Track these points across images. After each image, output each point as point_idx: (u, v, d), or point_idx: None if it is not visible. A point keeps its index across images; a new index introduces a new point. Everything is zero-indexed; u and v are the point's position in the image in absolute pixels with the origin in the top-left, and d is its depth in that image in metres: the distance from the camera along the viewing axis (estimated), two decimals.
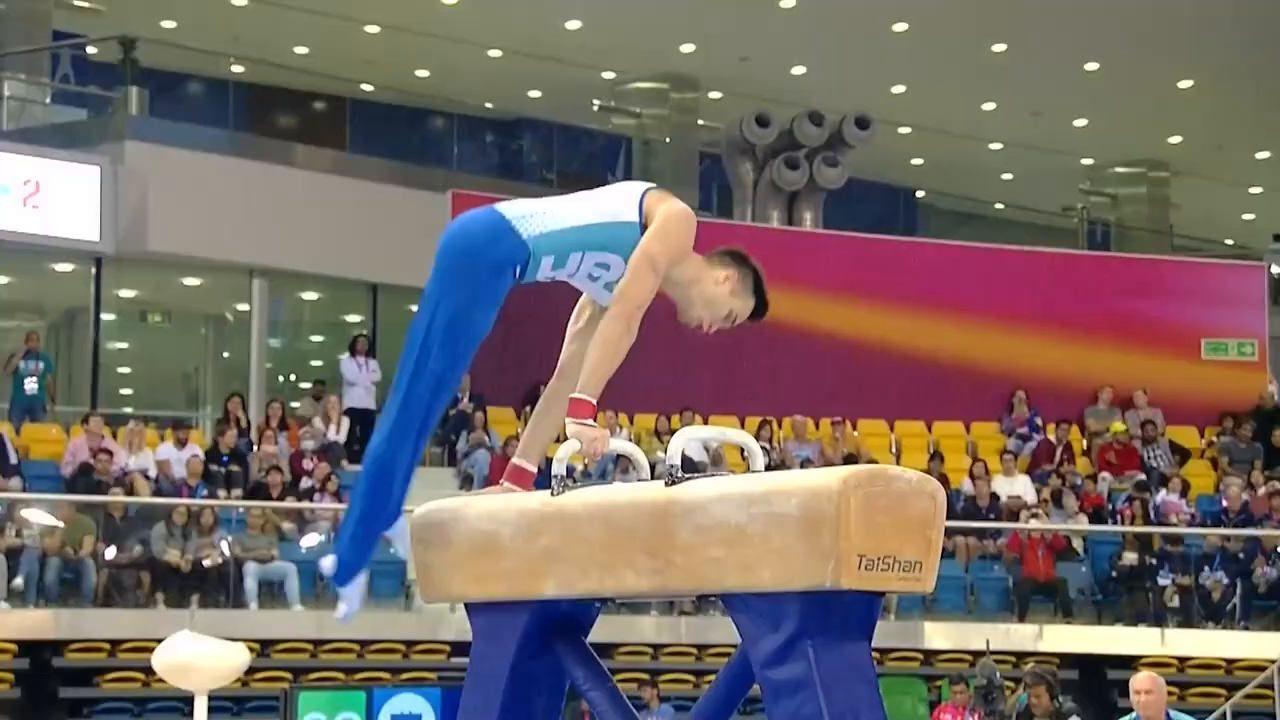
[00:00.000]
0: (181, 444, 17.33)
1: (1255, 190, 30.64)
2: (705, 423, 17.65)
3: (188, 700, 7.42)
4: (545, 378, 18.95)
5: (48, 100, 21.69)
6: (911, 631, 16.83)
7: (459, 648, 14.07)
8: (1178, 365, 21.89)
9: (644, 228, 4.93)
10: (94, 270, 20.50)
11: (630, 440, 15.80)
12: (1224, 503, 19.20)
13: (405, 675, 14.86)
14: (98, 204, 19.39)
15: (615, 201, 5.07)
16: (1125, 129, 27.44)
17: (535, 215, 5.01)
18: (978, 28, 23.73)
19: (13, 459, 16.47)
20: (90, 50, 22.67)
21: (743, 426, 17.34)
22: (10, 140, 20.06)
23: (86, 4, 22.64)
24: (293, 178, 21.11)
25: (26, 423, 17.86)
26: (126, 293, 21.91)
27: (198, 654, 7.28)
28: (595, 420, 4.89)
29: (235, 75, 23.96)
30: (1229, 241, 30.98)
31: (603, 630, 5.49)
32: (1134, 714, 10.52)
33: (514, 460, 5.20)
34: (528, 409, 19.23)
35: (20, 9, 21.71)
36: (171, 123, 21.42)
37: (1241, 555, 18.09)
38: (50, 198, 19.18)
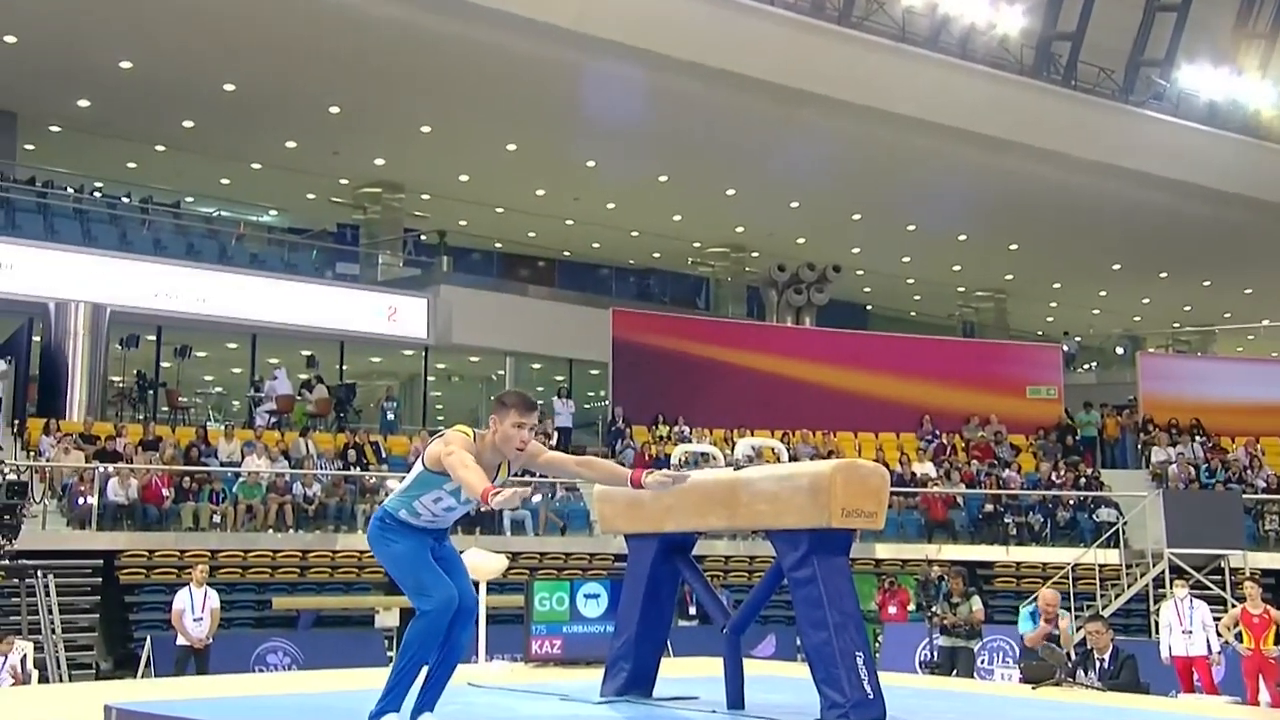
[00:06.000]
0: None
1: (1054, 304, 30.15)
2: (753, 435, 17.48)
3: (475, 584, 7.42)
4: (664, 409, 18.81)
5: (401, 265, 21.99)
6: (868, 549, 16.53)
7: (620, 557, 14.04)
8: (1014, 401, 21.47)
9: (428, 469, 4.05)
10: (424, 354, 20.73)
11: (711, 444, 15.69)
12: (1039, 477, 18.83)
13: (590, 572, 14.81)
14: (425, 319, 19.61)
15: (412, 471, 4.18)
16: (981, 271, 27.06)
17: (392, 495, 4.21)
18: (900, 216, 23.53)
19: (383, 455, 16.68)
20: (423, 238, 23.03)
21: (773, 436, 17.22)
22: (383, 286, 20.31)
23: (420, 214, 23.03)
24: (527, 303, 21.25)
25: (388, 435, 18.03)
26: (440, 365, 22.13)
27: (481, 560, 7.23)
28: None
29: (497, 249, 24.22)
30: (1040, 333, 30.42)
31: (697, 549, 5.41)
32: (1035, 607, 9.70)
33: (633, 473, 4.25)
34: (653, 427, 19.34)
35: (387, 217, 22.05)
36: (464, 274, 21.64)
37: (1049, 505, 17.68)
38: (402, 316, 19.40)
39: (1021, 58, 20.86)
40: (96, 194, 19.17)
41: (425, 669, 4.14)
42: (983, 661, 11.86)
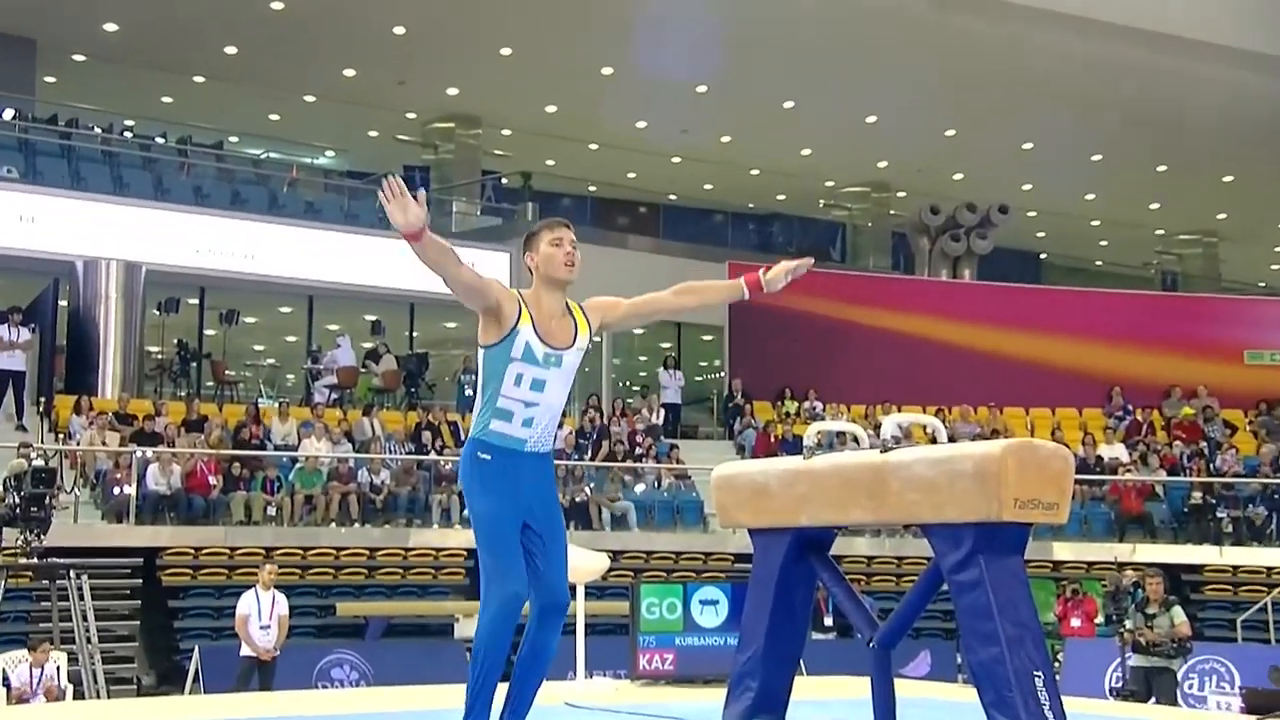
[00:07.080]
0: (560, 427, 17.55)
1: (1279, 249, 29.30)
2: (900, 411, 17.31)
3: (572, 587, 7.49)
4: (789, 382, 18.96)
5: (478, 213, 22.20)
6: (1044, 549, 16.30)
7: (740, 557, 14.07)
8: (1227, 368, 21.24)
9: (484, 346, 4.28)
10: None
11: (850, 422, 15.59)
12: (1260, 461, 18.39)
13: (704, 575, 14.83)
14: (508, 277, 19.75)
15: (479, 369, 4.32)
16: (1186, 210, 26.44)
17: (474, 415, 4.30)
18: (1084, 146, 23.10)
19: (460, 436, 16.86)
20: (504, 181, 23.22)
21: (925, 412, 17.02)
22: (455, 238, 20.49)
23: (501, 153, 23.24)
24: (626, 256, 21.24)
25: (466, 414, 18.26)
26: None
27: (579, 559, 7.28)
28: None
29: (591, 193, 24.34)
30: (1262, 284, 29.61)
31: (834, 547, 5.37)
32: None
33: (746, 279, 4.75)
34: (778, 403, 19.29)
35: (462, 157, 22.39)
36: None
37: (1275, 495, 17.25)
38: (481, 273, 19.57)
39: None
40: (128, 134, 19.76)
41: (508, 681, 4.12)
42: (1190, 686, 11.64)
